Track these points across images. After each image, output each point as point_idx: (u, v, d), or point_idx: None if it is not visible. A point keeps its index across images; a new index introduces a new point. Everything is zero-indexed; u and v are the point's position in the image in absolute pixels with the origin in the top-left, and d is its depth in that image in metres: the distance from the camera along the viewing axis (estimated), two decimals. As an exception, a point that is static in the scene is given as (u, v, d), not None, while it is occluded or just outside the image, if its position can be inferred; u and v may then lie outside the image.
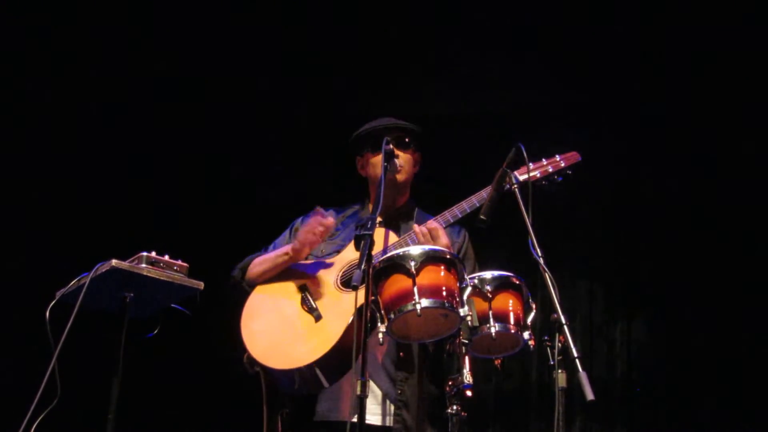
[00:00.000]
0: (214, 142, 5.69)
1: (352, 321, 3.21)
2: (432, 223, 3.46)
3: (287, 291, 3.50)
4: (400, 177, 3.71)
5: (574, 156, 3.63)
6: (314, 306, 3.41)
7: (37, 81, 5.39)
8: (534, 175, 3.50)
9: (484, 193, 3.50)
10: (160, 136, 5.61)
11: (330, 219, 3.58)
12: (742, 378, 5.07)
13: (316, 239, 3.54)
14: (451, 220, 3.53)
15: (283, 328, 3.39)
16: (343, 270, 3.51)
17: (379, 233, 3.43)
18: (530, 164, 3.29)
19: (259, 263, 3.64)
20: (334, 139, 5.56)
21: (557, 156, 3.62)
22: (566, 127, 5.47)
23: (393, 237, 3.54)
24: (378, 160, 3.64)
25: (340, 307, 3.35)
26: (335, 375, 3.26)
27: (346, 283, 3.43)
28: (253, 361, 3.33)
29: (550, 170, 3.56)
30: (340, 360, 3.18)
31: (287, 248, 3.57)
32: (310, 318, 3.38)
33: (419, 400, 3.43)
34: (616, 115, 5.55)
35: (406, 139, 3.76)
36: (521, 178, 3.27)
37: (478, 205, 3.49)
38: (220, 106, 5.68)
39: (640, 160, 5.50)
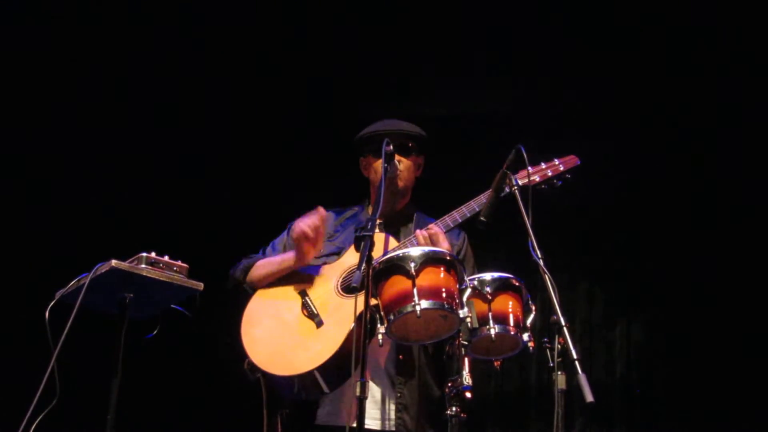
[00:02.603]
0: (214, 141, 5.69)
1: (354, 327, 3.20)
2: (434, 228, 3.45)
3: (287, 296, 3.50)
4: (399, 183, 3.70)
5: (572, 160, 3.63)
6: (315, 312, 3.40)
7: (37, 80, 5.39)
8: (533, 179, 3.50)
9: (484, 198, 3.49)
10: (160, 135, 5.61)
11: (319, 215, 3.54)
12: (741, 379, 5.08)
13: (311, 242, 3.50)
14: (452, 225, 3.52)
15: (284, 334, 3.39)
16: (343, 274, 3.50)
17: (379, 236, 3.43)
18: (529, 168, 3.28)
19: (263, 266, 3.63)
20: (334, 139, 5.60)
21: (556, 160, 3.62)
22: (566, 127, 5.47)
23: (393, 240, 3.53)
24: (380, 164, 3.62)
25: (341, 313, 3.34)
26: (336, 381, 3.26)
27: (347, 288, 3.42)
28: (254, 368, 3.33)
29: (550, 174, 3.56)
30: (341, 366, 3.17)
31: (290, 254, 3.55)
32: (311, 324, 3.37)
33: (419, 403, 3.42)
34: (616, 115, 5.55)
35: (409, 144, 3.74)
36: (521, 182, 3.27)
37: (477, 209, 3.49)
38: (219, 105, 5.68)
39: (640, 160, 5.50)
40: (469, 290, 3.03)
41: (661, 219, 5.44)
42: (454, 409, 2.99)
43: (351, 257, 3.53)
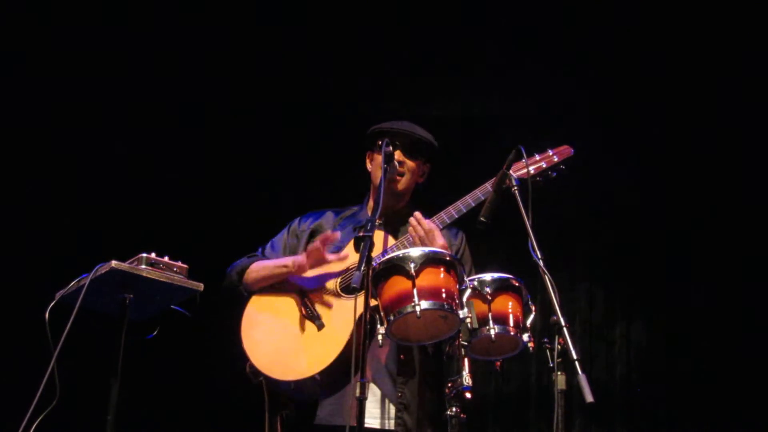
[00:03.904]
0: (214, 142, 5.69)
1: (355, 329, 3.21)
2: (428, 224, 3.43)
3: (287, 298, 3.49)
4: (398, 186, 3.65)
5: (566, 150, 3.60)
6: (316, 313, 3.40)
7: (36, 81, 5.39)
8: (528, 172, 3.47)
9: (479, 193, 3.48)
10: (160, 135, 5.61)
11: (336, 233, 3.52)
12: (741, 379, 5.08)
13: (320, 262, 3.48)
14: (448, 221, 3.50)
15: (285, 337, 3.39)
16: (342, 274, 3.50)
17: (378, 236, 3.42)
18: (525, 160, 3.27)
19: (257, 270, 3.60)
20: (333, 139, 5.61)
21: (549, 150, 3.58)
22: (566, 128, 5.47)
23: (392, 240, 3.52)
24: (380, 161, 3.62)
25: (341, 315, 3.34)
26: (338, 383, 3.26)
27: (346, 288, 3.41)
28: (255, 372, 3.33)
29: (544, 166, 3.52)
30: (343, 368, 3.17)
31: (288, 261, 3.53)
32: (312, 326, 3.37)
33: (420, 402, 3.42)
34: (616, 116, 5.55)
35: (418, 148, 3.68)
36: (516, 174, 3.25)
37: (473, 204, 3.47)
38: (219, 106, 5.68)
39: (640, 161, 5.50)
40: (468, 291, 3.03)
41: (662, 219, 5.44)
42: (454, 409, 2.99)
43: (350, 257, 3.52)
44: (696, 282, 5.30)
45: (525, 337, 3.08)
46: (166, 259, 3.33)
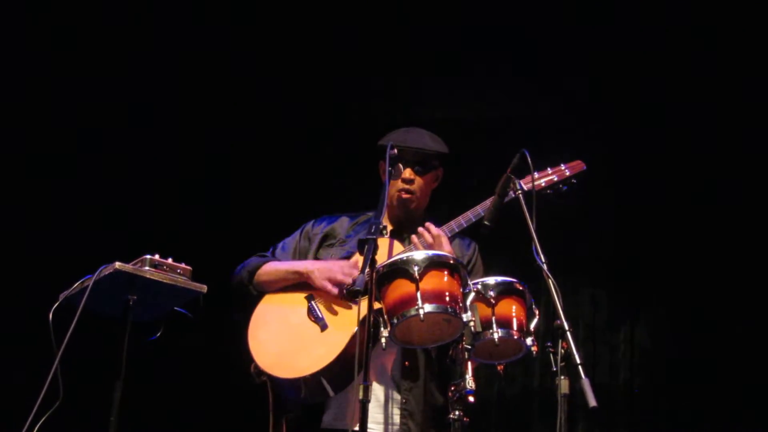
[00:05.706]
0: (216, 143, 5.70)
1: (357, 330, 3.19)
2: (437, 231, 3.43)
3: (294, 300, 3.50)
4: (411, 205, 3.65)
5: (579, 165, 3.62)
6: (320, 315, 3.41)
7: (36, 80, 5.40)
8: (539, 184, 3.49)
9: (490, 203, 3.49)
10: (163, 136, 5.62)
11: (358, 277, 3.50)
12: (743, 383, 5.07)
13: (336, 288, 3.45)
14: (456, 230, 3.51)
15: (289, 337, 3.40)
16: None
17: (384, 242, 3.42)
18: (535, 173, 3.28)
19: (270, 272, 3.60)
20: (341, 141, 5.61)
21: (562, 165, 3.61)
22: (570, 131, 5.47)
23: (398, 245, 3.52)
24: (392, 180, 3.57)
25: (345, 316, 3.35)
26: (341, 384, 3.26)
27: (350, 291, 3.42)
28: (259, 371, 3.33)
29: (556, 179, 3.55)
30: (345, 369, 3.17)
31: (302, 268, 3.52)
32: (315, 327, 3.38)
33: (424, 409, 3.42)
34: (616, 117, 5.55)
35: (431, 161, 3.66)
36: (526, 187, 3.26)
37: (483, 214, 3.48)
38: (223, 106, 5.69)
39: (641, 163, 5.50)
40: (472, 294, 3.03)
41: (665, 222, 5.44)
42: (457, 413, 2.99)
43: (359, 262, 3.52)
44: (698, 285, 5.29)
45: (528, 341, 3.08)
46: (169, 260, 3.33)
